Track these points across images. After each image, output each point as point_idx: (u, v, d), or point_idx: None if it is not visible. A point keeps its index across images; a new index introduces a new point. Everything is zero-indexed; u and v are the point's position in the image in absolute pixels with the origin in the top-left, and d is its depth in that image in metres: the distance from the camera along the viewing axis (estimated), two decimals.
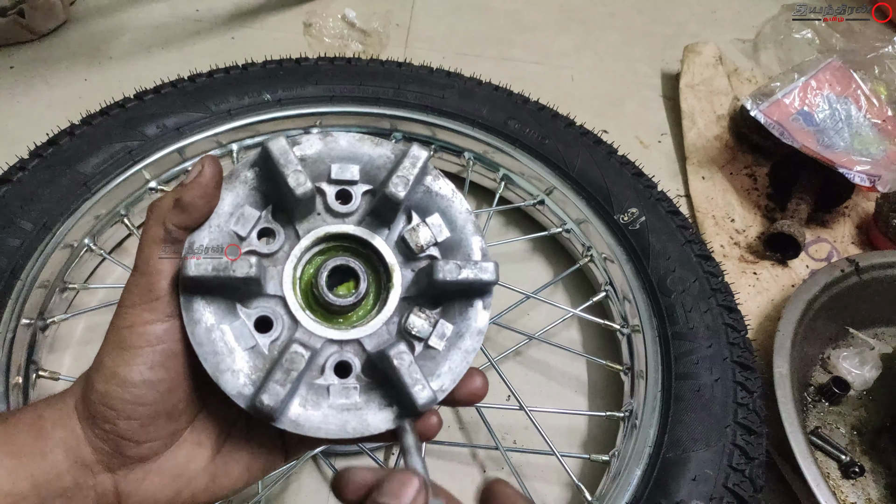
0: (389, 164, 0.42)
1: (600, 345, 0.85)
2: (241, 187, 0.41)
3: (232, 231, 0.40)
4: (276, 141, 0.39)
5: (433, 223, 0.42)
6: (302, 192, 0.38)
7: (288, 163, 0.39)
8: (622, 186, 0.85)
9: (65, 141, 0.80)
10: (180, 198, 0.38)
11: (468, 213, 0.43)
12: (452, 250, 0.43)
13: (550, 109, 0.95)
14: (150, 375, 0.37)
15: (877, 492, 0.75)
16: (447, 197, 0.43)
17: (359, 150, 0.43)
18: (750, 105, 1.00)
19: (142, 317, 0.37)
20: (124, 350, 0.37)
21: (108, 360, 0.37)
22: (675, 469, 0.63)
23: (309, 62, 0.95)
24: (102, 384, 0.37)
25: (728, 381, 0.68)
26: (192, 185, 0.38)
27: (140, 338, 0.37)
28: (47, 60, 1.11)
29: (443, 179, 0.43)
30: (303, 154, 0.41)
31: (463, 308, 0.41)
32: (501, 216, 0.97)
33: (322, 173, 0.42)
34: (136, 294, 0.38)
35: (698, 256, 0.79)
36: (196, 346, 0.37)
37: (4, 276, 0.69)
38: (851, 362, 0.82)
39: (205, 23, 1.23)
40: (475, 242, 0.43)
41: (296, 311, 0.40)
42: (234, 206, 0.40)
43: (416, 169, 0.40)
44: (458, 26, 1.31)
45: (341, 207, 0.42)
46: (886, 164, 0.93)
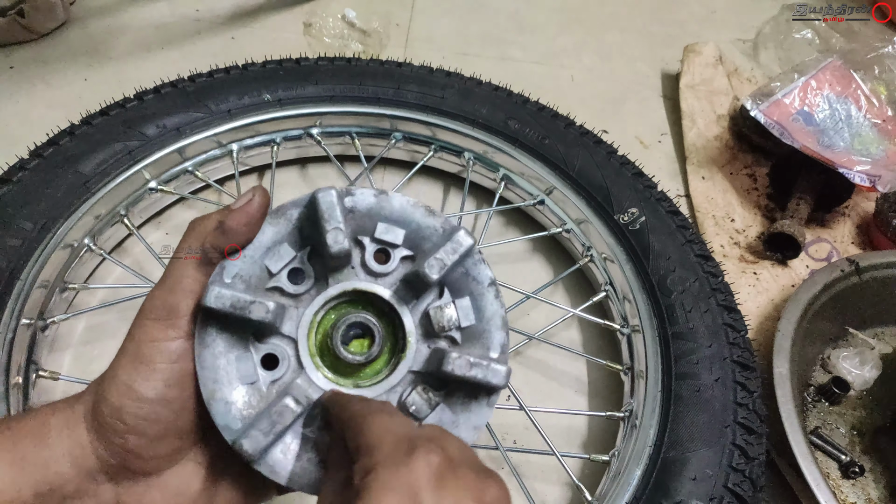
0: (436, 236, 0.42)
1: (600, 345, 0.85)
2: (283, 224, 0.41)
3: (264, 265, 0.40)
4: (326, 193, 0.39)
5: (462, 306, 0.42)
6: (337, 250, 0.39)
7: (331, 218, 0.39)
8: (622, 186, 0.85)
9: (65, 141, 0.80)
10: (224, 221, 0.38)
11: (500, 306, 0.43)
12: (473, 339, 0.42)
13: (550, 109, 0.95)
14: (165, 393, 0.37)
15: (877, 492, 0.75)
16: (483, 285, 0.43)
17: (409, 216, 0.42)
18: (750, 105, 1.00)
19: (163, 333, 0.37)
20: (142, 364, 0.37)
21: (124, 374, 0.37)
22: (675, 469, 0.63)
23: (309, 62, 0.95)
24: (117, 398, 0.37)
25: (728, 381, 0.68)
26: (240, 211, 0.38)
27: (160, 354, 0.37)
28: (47, 60, 1.11)
29: (483, 265, 0.43)
30: (353, 205, 0.42)
31: (467, 400, 0.41)
32: (501, 216, 0.97)
33: (367, 229, 0.42)
34: (161, 308, 0.38)
35: (698, 256, 0.79)
36: (199, 369, 0.38)
37: (4, 276, 0.69)
38: (851, 362, 0.82)
39: (205, 23, 1.23)
40: (498, 338, 0.42)
41: (304, 356, 0.40)
42: (273, 241, 0.40)
43: (455, 255, 0.40)
44: (458, 26, 1.31)
45: (377, 267, 0.42)
46: (886, 164, 0.93)
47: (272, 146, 0.92)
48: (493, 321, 0.42)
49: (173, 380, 0.37)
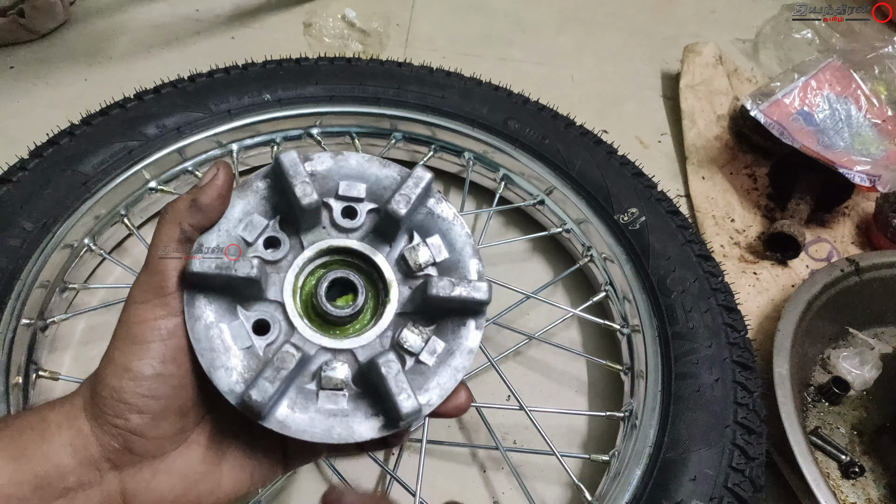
0: (395, 185, 0.44)
1: (600, 345, 0.85)
2: (252, 196, 0.43)
3: (240, 236, 0.41)
4: (287, 154, 0.41)
5: (433, 244, 0.44)
6: (308, 202, 0.40)
7: (297, 174, 0.41)
8: (622, 186, 0.85)
9: (65, 141, 0.80)
10: (196, 198, 0.39)
11: (468, 236, 0.45)
12: (450, 271, 0.44)
13: (550, 109, 0.95)
14: (161, 369, 0.38)
15: (877, 492, 0.75)
16: (448, 220, 0.45)
17: (367, 170, 0.45)
18: (750, 105, 1.00)
19: (153, 312, 0.38)
20: (135, 344, 0.38)
21: (119, 356, 0.38)
22: (675, 469, 0.63)
23: (309, 62, 0.95)
24: (115, 379, 0.37)
25: (728, 380, 0.68)
26: (209, 186, 0.40)
27: (152, 332, 0.38)
28: (47, 60, 1.11)
29: (445, 203, 0.45)
30: (313, 170, 0.44)
31: (456, 327, 0.42)
32: (501, 216, 0.97)
33: (330, 189, 0.44)
34: (148, 290, 0.39)
35: (698, 256, 0.79)
36: (194, 342, 0.38)
37: (4, 276, 0.69)
38: (851, 362, 0.82)
39: (205, 23, 1.23)
40: (472, 265, 0.44)
41: (294, 317, 0.41)
42: (244, 213, 0.42)
43: (418, 189, 0.42)
44: (458, 26, 1.31)
45: (346, 223, 0.43)
46: (886, 164, 0.93)
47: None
48: (464, 251, 0.44)
49: (168, 356, 0.38)
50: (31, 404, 0.67)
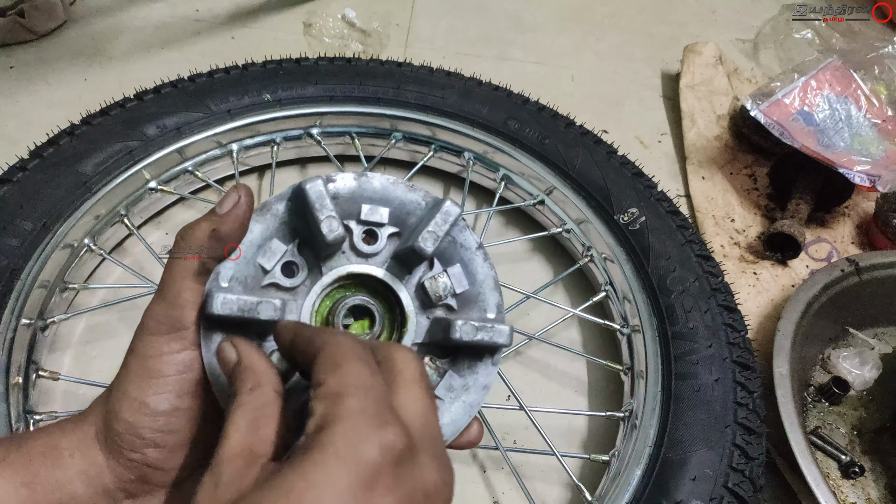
0: (419, 210, 0.43)
1: (600, 345, 0.85)
2: (271, 220, 0.42)
3: (258, 263, 0.40)
4: (313, 183, 0.40)
5: (454, 273, 0.43)
6: (333, 238, 0.39)
7: (323, 208, 0.40)
8: (622, 186, 0.85)
9: (65, 141, 0.80)
10: (217, 229, 0.38)
11: (490, 268, 0.44)
12: (469, 303, 0.43)
13: (550, 109, 0.95)
14: (178, 403, 0.37)
15: (877, 492, 0.75)
16: (471, 249, 0.44)
17: (391, 193, 0.43)
18: (750, 105, 1.00)
19: (169, 345, 0.37)
20: (151, 378, 0.37)
21: (134, 389, 0.37)
22: (675, 469, 0.63)
23: (309, 62, 0.95)
24: (130, 414, 0.36)
25: (728, 381, 0.68)
26: (230, 215, 0.38)
27: (168, 366, 0.37)
28: (47, 60, 1.11)
29: (468, 232, 0.45)
30: (336, 191, 0.43)
31: (472, 362, 0.42)
32: (501, 216, 0.97)
33: (352, 212, 0.43)
34: (163, 322, 0.38)
35: (698, 256, 0.79)
36: (210, 377, 0.38)
37: (4, 276, 0.69)
38: (851, 362, 0.82)
39: (205, 23, 1.23)
40: (492, 299, 0.44)
41: None
42: (262, 238, 0.41)
43: (446, 225, 0.41)
44: (458, 26, 1.31)
45: (366, 248, 0.42)
46: (886, 164, 0.93)
47: (272, 146, 0.92)
48: (485, 283, 0.44)
49: (185, 390, 0.37)
50: (30, 404, 0.67)
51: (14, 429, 0.62)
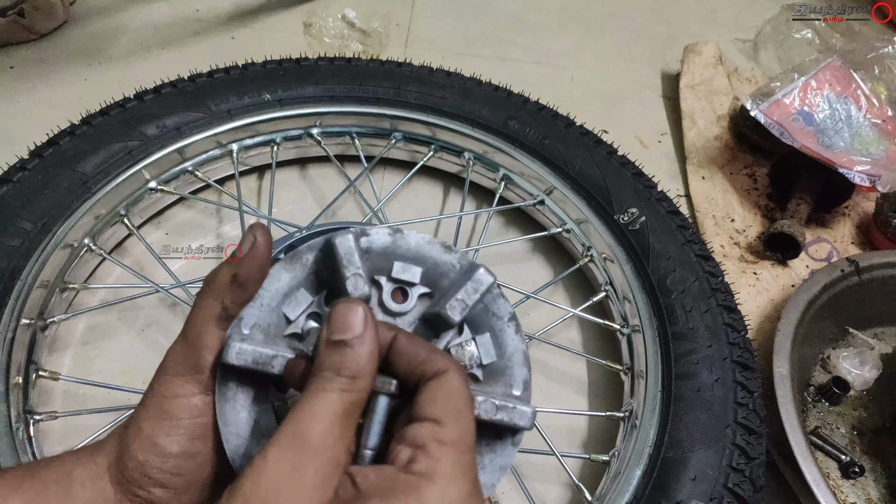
0: (453, 273, 0.42)
1: (600, 345, 0.85)
2: (300, 270, 0.41)
3: (282, 313, 0.40)
4: (344, 238, 0.39)
5: (482, 342, 0.42)
6: (357, 296, 0.38)
7: (350, 264, 0.39)
8: (622, 186, 0.85)
9: (65, 141, 0.80)
10: (238, 273, 0.38)
11: (521, 341, 0.42)
12: (495, 376, 0.42)
13: (550, 109, 0.95)
14: (189, 447, 0.37)
15: (877, 492, 0.75)
16: (503, 319, 0.42)
17: (426, 253, 0.42)
18: (750, 105, 1.00)
19: (186, 388, 0.38)
20: (165, 420, 0.37)
21: (148, 428, 0.37)
22: (675, 469, 0.63)
23: (309, 62, 0.95)
24: (141, 453, 0.37)
25: (728, 381, 0.68)
26: (250, 259, 0.38)
27: (183, 409, 0.37)
28: (47, 60, 1.11)
29: (503, 300, 0.42)
30: (369, 246, 0.41)
31: (491, 441, 0.40)
32: (501, 216, 0.97)
33: (383, 269, 0.41)
34: (183, 364, 0.38)
35: (698, 256, 0.79)
36: (221, 425, 0.38)
37: (4, 276, 0.69)
38: (851, 362, 0.82)
39: (205, 23, 1.23)
40: (520, 374, 0.42)
41: None
42: (289, 287, 0.40)
43: (477, 294, 0.40)
44: (458, 26, 1.31)
45: (395, 306, 0.41)
46: (886, 164, 0.93)
47: (272, 146, 0.92)
48: (514, 357, 0.42)
49: (197, 433, 0.38)
50: (30, 404, 0.67)
51: (14, 429, 0.62)
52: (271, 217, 0.85)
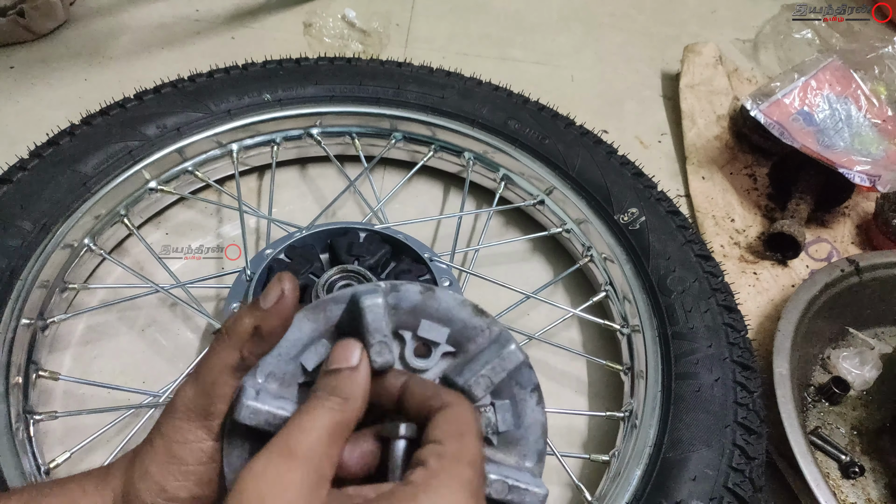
0: (481, 338, 0.40)
1: (600, 345, 0.85)
2: (323, 322, 0.39)
3: (300, 363, 0.39)
4: (373, 302, 0.37)
5: (501, 409, 0.40)
6: (381, 364, 0.37)
7: (376, 332, 0.37)
8: (622, 186, 0.85)
9: (65, 141, 0.80)
10: (261, 326, 0.37)
11: (541, 413, 0.41)
12: (510, 445, 0.40)
13: (550, 109, 0.95)
14: (196, 492, 0.37)
15: (877, 492, 0.75)
16: (526, 390, 0.41)
17: (455, 314, 0.41)
18: (750, 105, 1.00)
19: (196, 434, 0.37)
20: (174, 465, 0.37)
21: (156, 472, 0.37)
22: (675, 469, 0.63)
23: (309, 62, 0.95)
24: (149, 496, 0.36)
25: (728, 381, 0.68)
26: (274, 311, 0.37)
27: (192, 455, 0.37)
28: (47, 60, 1.11)
29: (528, 371, 0.41)
30: (397, 303, 0.40)
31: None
32: (501, 216, 0.97)
33: (409, 324, 0.40)
34: (194, 409, 0.37)
35: (698, 256, 0.79)
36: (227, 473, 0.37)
37: (4, 276, 0.69)
38: (851, 362, 0.82)
39: (205, 23, 1.23)
40: (535, 447, 0.40)
41: None
42: (310, 338, 0.39)
43: (503, 373, 0.39)
44: (458, 26, 1.31)
45: (417, 362, 0.40)
46: (886, 164, 0.93)
47: (272, 146, 0.92)
48: (531, 428, 0.41)
49: (204, 480, 0.37)
50: (30, 404, 0.67)
51: (14, 429, 0.62)
52: (271, 217, 0.85)
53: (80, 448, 0.65)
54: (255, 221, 0.92)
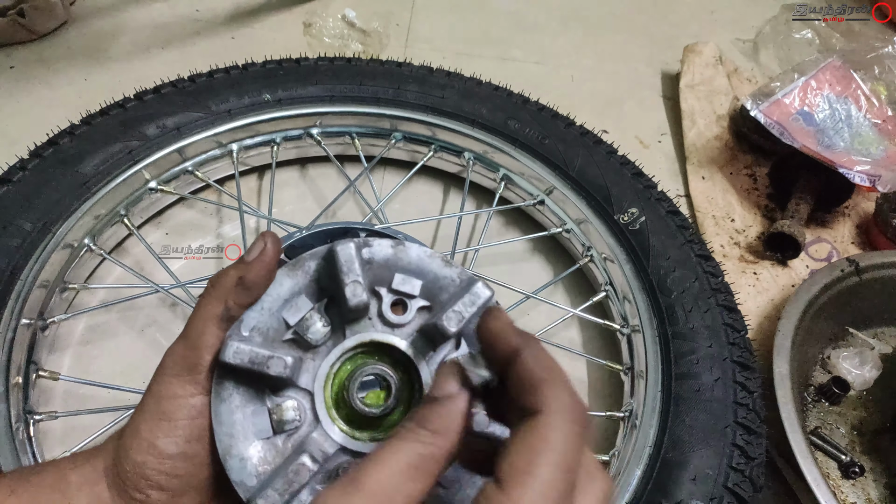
0: (452, 287, 0.42)
1: (600, 345, 0.85)
2: (301, 276, 0.41)
3: (282, 317, 0.40)
4: (345, 246, 0.39)
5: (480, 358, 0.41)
6: (355, 303, 0.39)
7: (349, 271, 0.39)
8: (622, 186, 0.85)
9: (65, 141, 0.80)
10: (244, 276, 0.38)
11: None
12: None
13: (550, 109, 0.95)
14: (186, 448, 0.37)
15: (877, 492, 0.75)
16: None
17: (426, 266, 0.42)
18: (750, 105, 1.00)
19: (184, 388, 0.38)
20: (163, 421, 0.37)
21: (146, 430, 0.37)
22: (675, 469, 0.63)
23: (309, 62, 0.95)
24: (139, 454, 0.37)
25: (728, 381, 0.68)
26: (257, 263, 0.38)
27: (181, 410, 0.37)
28: (47, 60, 1.11)
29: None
30: (371, 257, 0.42)
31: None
32: (501, 216, 0.97)
33: (384, 279, 0.41)
34: (182, 365, 0.38)
35: (698, 256, 0.79)
36: (215, 425, 0.38)
37: (4, 276, 0.69)
38: (851, 362, 0.82)
39: (205, 23, 1.23)
40: None
41: (320, 410, 0.39)
42: (291, 292, 0.41)
43: (473, 308, 0.39)
44: (458, 26, 1.31)
45: (394, 318, 0.41)
46: (886, 164, 0.93)
47: (272, 146, 0.92)
48: None
49: (194, 435, 0.38)
50: (30, 404, 0.67)
51: (14, 429, 0.62)
52: (271, 217, 0.85)
53: (80, 448, 0.65)
54: (255, 221, 0.92)
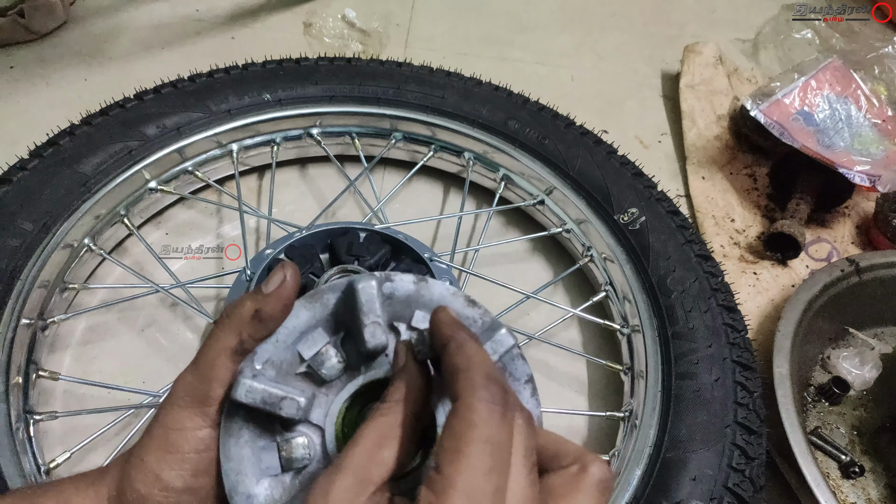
0: (474, 328, 0.40)
1: (600, 345, 0.85)
2: (319, 309, 0.40)
3: (297, 351, 0.39)
4: (366, 284, 0.38)
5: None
6: (374, 345, 0.38)
7: (370, 312, 0.37)
8: (622, 186, 0.85)
9: (65, 141, 0.80)
10: (261, 309, 0.37)
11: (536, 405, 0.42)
12: None
13: (550, 109, 0.95)
14: (192, 483, 0.37)
15: (877, 492, 0.75)
16: (520, 381, 0.42)
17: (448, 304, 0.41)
18: (750, 105, 1.00)
19: (193, 420, 0.37)
20: (170, 453, 0.36)
21: (152, 461, 0.36)
22: (675, 469, 0.63)
23: (309, 62, 0.95)
24: (144, 487, 0.36)
25: (728, 381, 0.68)
26: (275, 296, 0.37)
27: (188, 443, 0.37)
28: (47, 60, 1.11)
29: (521, 361, 0.42)
30: (391, 293, 0.40)
31: None
32: (501, 216, 0.97)
33: (403, 316, 0.40)
34: (192, 395, 0.37)
35: (698, 256, 0.79)
36: (223, 460, 0.37)
37: (4, 276, 0.69)
38: (851, 362, 0.82)
39: (205, 23, 1.23)
40: None
41: (331, 447, 0.38)
42: (307, 325, 0.39)
43: (495, 356, 0.39)
44: (458, 26, 1.31)
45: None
46: (886, 164, 0.93)
47: (272, 146, 0.92)
48: None
49: (201, 469, 0.37)
50: (30, 405, 0.67)
51: (14, 429, 0.62)
52: (271, 217, 0.85)
53: (80, 448, 0.65)
54: (255, 221, 0.92)
